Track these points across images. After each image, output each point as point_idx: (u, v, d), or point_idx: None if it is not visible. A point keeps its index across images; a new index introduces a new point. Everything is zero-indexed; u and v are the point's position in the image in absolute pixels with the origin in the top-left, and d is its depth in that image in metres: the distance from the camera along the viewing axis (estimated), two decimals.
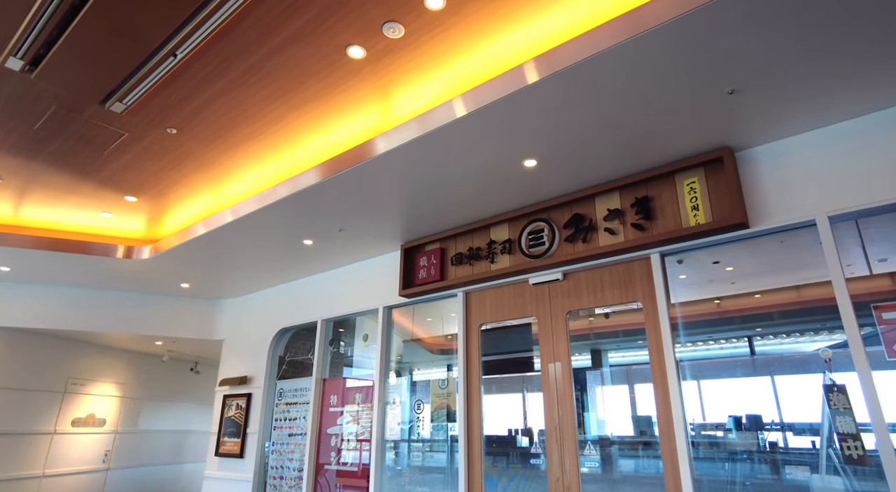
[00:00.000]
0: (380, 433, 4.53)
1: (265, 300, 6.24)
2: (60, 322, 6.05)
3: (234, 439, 5.79)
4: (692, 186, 3.32)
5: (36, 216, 4.95)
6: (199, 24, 2.61)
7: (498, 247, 4.14)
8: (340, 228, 4.53)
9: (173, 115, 3.39)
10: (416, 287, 4.59)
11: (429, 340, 5.24)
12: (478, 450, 3.90)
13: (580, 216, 3.74)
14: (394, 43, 2.76)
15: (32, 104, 3.25)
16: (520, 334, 4.42)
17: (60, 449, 6.62)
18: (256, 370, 5.95)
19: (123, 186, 4.33)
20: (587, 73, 2.59)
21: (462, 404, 4.06)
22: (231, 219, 4.37)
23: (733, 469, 3.13)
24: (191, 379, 8.92)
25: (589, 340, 4.06)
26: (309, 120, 3.48)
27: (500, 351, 4.52)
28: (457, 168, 3.49)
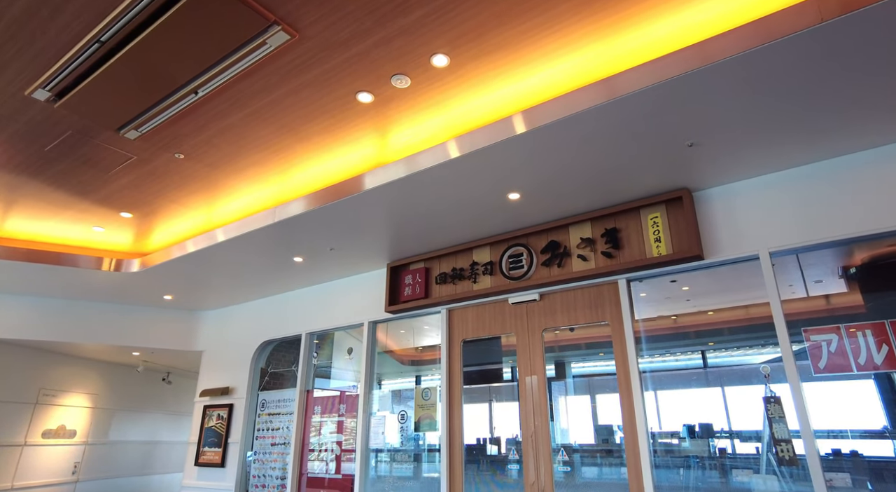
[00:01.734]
0: (364, 443, 4.79)
1: (247, 313, 6.40)
2: (38, 333, 6.03)
3: (215, 449, 5.91)
4: (655, 220, 3.77)
5: (24, 228, 5.00)
6: (224, 69, 2.88)
7: (480, 268, 4.50)
8: (331, 248, 4.80)
9: (184, 143, 3.61)
10: (401, 304, 4.89)
11: (400, 351, 5.53)
12: (459, 458, 4.22)
13: (556, 243, 4.15)
14: (399, 91, 3.10)
15: (49, 129, 3.42)
16: (489, 347, 4.77)
17: (30, 461, 6.55)
18: (238, 381, 6.10)
19: (120, 203, 4.48)
20: (567, 127, 2.99)
21: (444, 414, 4.38)
22: (226, 238, 4.57)
23: (688, 475, 3.56)
24: (161, 389, 8.89)
25: (553, 352, 4.42)
26: (312, 150, 3.76)
27: (471, 363, 4.85)
28: (445, 200, 3.85)
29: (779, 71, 2.53)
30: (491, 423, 4.54)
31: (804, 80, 2.59)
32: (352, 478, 4.81)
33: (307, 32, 2.64)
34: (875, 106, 2.79)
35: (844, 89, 2.66)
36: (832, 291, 3.46)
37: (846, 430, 3.06)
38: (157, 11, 2.50)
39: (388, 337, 5.46)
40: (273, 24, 2.57)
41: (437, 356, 5.17)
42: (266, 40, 2.65)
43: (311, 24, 2.59)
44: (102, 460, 7.63)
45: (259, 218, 4.39)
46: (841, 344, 2.97)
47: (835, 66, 2.49)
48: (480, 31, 2.67)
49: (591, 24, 2.67)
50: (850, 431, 3.07)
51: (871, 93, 2.68)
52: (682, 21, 2.64)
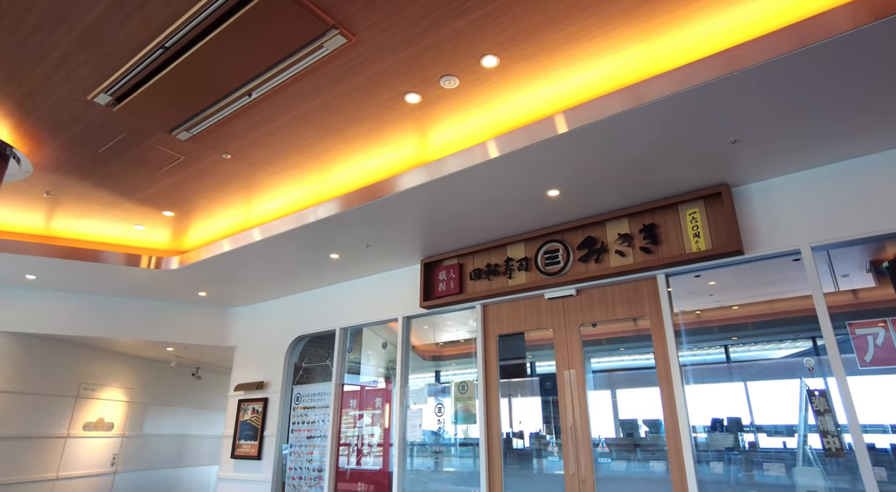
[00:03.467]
0: (402, 436, 4.89)
1: (281, 308, 6.53)
2: (78, 329, 6.21)
3: (251, 442, 6.06)
4: (693, 216, 3.80)
5: (69, 227, 5.16)
6: (279, 72, 2.96)
7: (515, 264, 4.56)
8: (367, 245, 4.90)
9: (231, 144, 3.71)
10: (435, 299, 4.97)
11: (421, 347, 5.62)
12: (497, 450, 4.30)
13: (593, 239, 4.20)
14: (447, 92, 3.16)
15: (105, 132, 3.53)
16: (512, 343, 4.83)
17: (73, 452, 6.76)
18: (272, 376, 6.23)
19: (163, 202, 4.61)
20: (609, 126, 3.05)
21: (482, 407, 4.46)
22: (265, 236, 4.69)
23: (726, 469, 3.59)
24: (191, 384, 9.08)
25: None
26: (353, 151, 3.84)
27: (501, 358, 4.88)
28: (483, 198, 3.92)
29: (821, 71, 2.56)
30: (511, 417, 4.63)
31: (846, 80, 2.61)
32: (388, 470, 4.91)
33: (363, 36, 2.71)
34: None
35: (889, 89, 2.68)
36: (860, 285, 3.47)
37: (887, 424, 3.09)
38: (221, 17, 2.59)
39: (411, 333, 5.57)
40: (331, 29, 2.64)
41: (458, 352, 5.27)
42: (323, 44, 2.73)
43: (368, 28, 2.67)
44: (138, 452, 7.83)
45: (300, 216, 4.49)
46: (888, 337, 3.00)
47: (876, 66, 2.52)
48: (532, 33, 2.73)
49: (639, 26, 2.71)
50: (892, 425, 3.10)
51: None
52: (728, 21, 2.67)
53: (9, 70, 2.97)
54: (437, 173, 3.67)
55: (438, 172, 3.66)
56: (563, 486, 3.91)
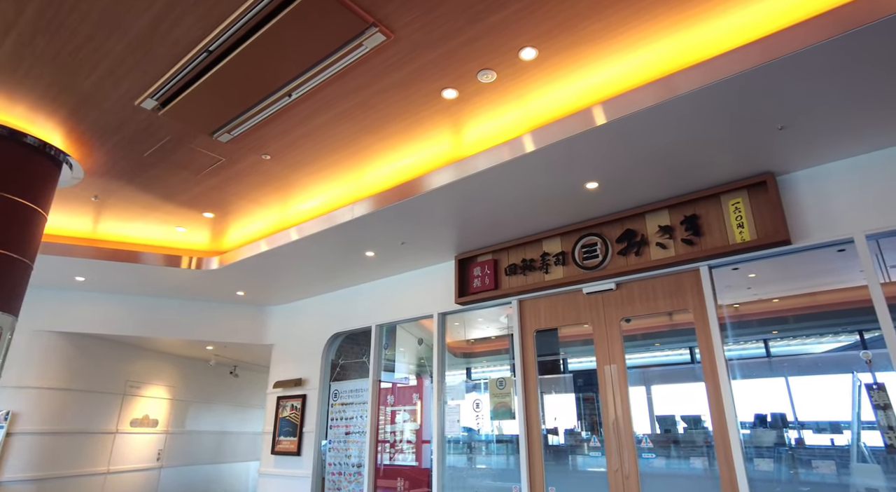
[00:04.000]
0: (440, 432, 4.91)
1: (317, 307, 6.63)
2: (125, 328, 6.43)
3: (291, 438, 6.17)
4: (737, 206, 3.71)
5: (115, 230, 5.34)
6: (319, 72, 3.00)
7: (552, 259, 4.53)
8: (403, 242, 4.92)
9: (271, 145, 3.78)
10: (470, 295, 4.97)
11: (452, 344, 5.62)
12: (538, 447, 4.28)
13: (632, 232, 4.13)
14: (484, 86, 3.15)
15: (150, 135, 3.64)
16: (545, 339, 4.81)
17: (122, 447, 7.00)
18: (310, 373, 6.33)
19: (204, 204, 4.72)
20: (650, 117, 2.99)
21: (521, 403, 4.44)
22: (302, 235, 4.76)
23: (775, 466, 3.49)
24: (229, 382, 9.30)
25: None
26: (388, 149, 3.87)
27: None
28: (519, 192, 3.90)
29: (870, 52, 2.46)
30: (543, 414, 4.60)
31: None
32: (427, 466, 4.94)
33: (401, 33, 2.73)
34: None
35: None
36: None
37: None
38: (263, 19, 2.63)
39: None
40: (371, 26, 2.67)
41: (489, 349, 5.27)
42: (363, 42, 2.75)
43: (407, 25, 2.68)
44: (181, 448, 8.07)
45: (335, 215, 4.55)
46: None
47: None
48: (569, 24, 2.70)
49: (677, 15, 2.65)
50: None
51: None
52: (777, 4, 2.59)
53: (65, 79, 3.09)
54: (472, 169, 3.66)
55: (473, 167, 3.66)
56: (605, 482, 3.87)
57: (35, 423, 5.94)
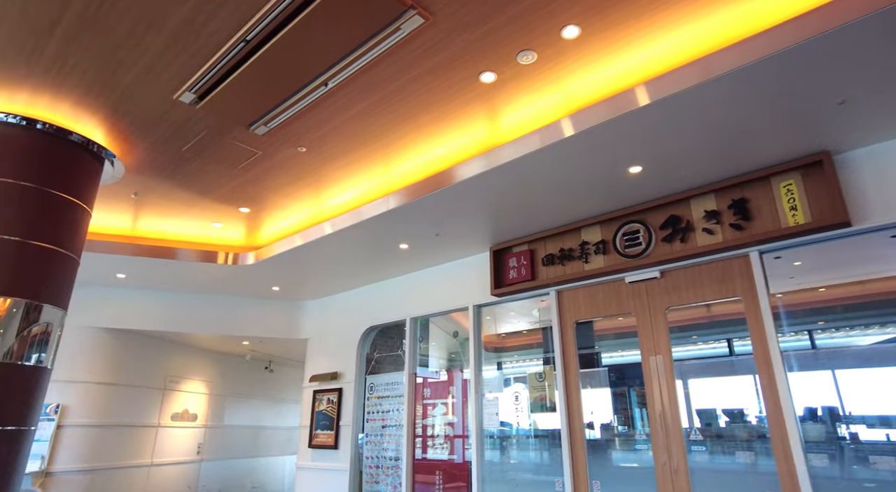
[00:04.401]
0: (478, 426, 4.85)
1: (351, 300, 6.64)
2: (165, 324, 6.57)
3: (328, 432, 6.20)
4: (789, 188, 3.53)
5: (153, 227, 5.43)
6: (355, 59, 2.96)
7: (591, 247, 4.41)
8: (437, 233, 4.87)
9: (307, 137, 3.76)
10: (507, 286, 4.89)
11: (483, 338, 5.54)
12: (580, 441, 4.18)
13: (676, 218, 3.98)
14: (523, 69, 3.06)
15: (188, 130, 3.66)
16: (582, 333, 4.68)
17: (163, 441, 7.17)
18: (345, 366, 6.35)
19: (240, 199, 4.75)
20: (696, 95, 2.86)
21: (562, 396, 4.35)
22: (336, 229, 4.75)
23: (827, 461, 3.31)
24: (264, 378, 9.44)
25: (635, 337, 4.27)
26: (425, 137, 3.81)
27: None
28: (557, 179, 3.79)
29: None
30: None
31: None
32: (466, 460, 4.89)
33: (440, 14, 2.66)
34: None
35: None
36: None
37: None
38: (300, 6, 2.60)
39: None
40: (409, 9, 2.60)
41: (521, 343, 5.17)
42: (400, 26, 2.70)
43: (445, 6, 2.61)
44: (219, 441, 8.22)
45: (370, 208, 4.52)
46: None
47: None
48: (613, 1, 2.58)
49: None
50: None
51: None
52: None
53: (105, 76, 3.12)
54: (507, 157, 3.58)
55: (510, 155, 3.58)
56: (652, 476, 3.75)
57: (83, 416, 6.12)
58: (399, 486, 5.38)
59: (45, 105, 3.41)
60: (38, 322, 3.27)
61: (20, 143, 3.43)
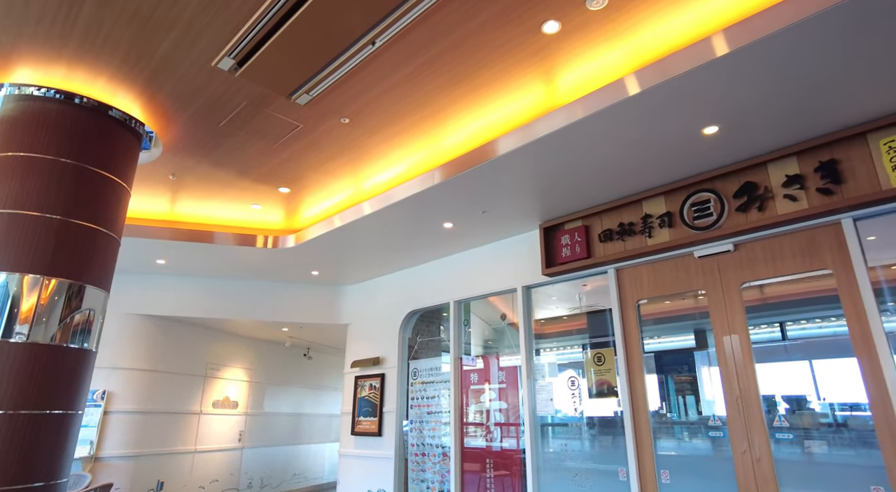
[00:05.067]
0: (532, 412, 4.61)
1: (392, 284, 6.45)
2: (205, 311, 6.51)
3: (371, 418, 6.06)
4: (890, 146, 3.13)
5: (192, 211, 5.32)
6: (405, 12, 2.70)
7: (655, 221, 4.08)
8: (484, 210, 4.61)
9: (350, 106, 3.54)
10: (559, 266, 4.60)
11: (519, 324, 5.26)
12: (646, 427, 3.89)
13: (752, 184, 3.62)
14: (591, 16, 2.75)
15: (227, 101, 3.48)
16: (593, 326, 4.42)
17: (206, 428, 7.16)
18: (388, 351, 6.18)
19: (279, 178, 4.58)
20: (787, 41, 2.50)
21: (624, 381, 4.06)
22: (379, 207, 4.54)
23: None
24: (303, 365, 9.39)
25: (694, 320, 3.98)
26: (475, 103, 3.54)
27: (599, 334, 4.52)
28: (618, 144, 3.48)
29: None
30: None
31: None
32: (519, 448, 4.67)
33: None
34: None
35: None
36: None
37: None
38: None
39: (508, 308, 5.29)
40: None
41: (560, 329, 4.89)
42: None
43: None
44: (260, 429, 8.21)
45: (413, 184, 4.29)
46: None
47: None
48: None
49: None
50: None
51: None
52: None
53: (140, 44, 2.95)
54: (564, 121, 3.29)
55: (567, 118, 3.28)
56: (729, 465, 3.44)
57: (128, 402, 6.12)
58: (447, 474, 5.19)
59: (82, 79, 3.27)
60: (82, 304, 3.16)
61: (59, 118, 3.30)
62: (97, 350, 3.29)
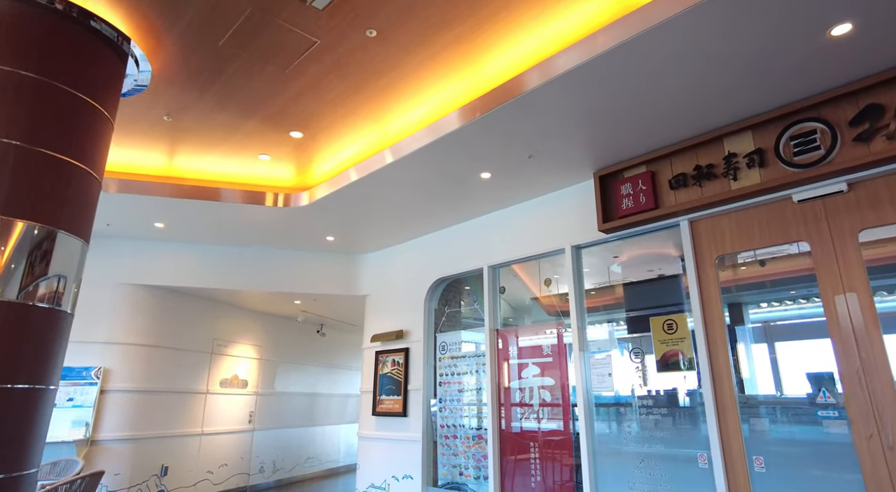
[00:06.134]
0: (586, 390, 3.99)
1: (416, 250, 5.82)
2: (209, 281, 5.92)
3: (394, 397, 5.48)
4: None
5: (192, 165, 4.69)
6: None
7: (741, 160, 3.40)
8: (530, 154, 3.94)
9: (378, 14, 2.86)
10: (619, 220, 3.94)
11: (544, 299, 4.66)
12: (732, 406, 3.26)
13: (875, 108, 2.92)
14: None
15: (227, 9, 2.81)
16: (658, 289, 3.88)
17: (213, 408, 6.63)
18: (412, 324, 5.58)
19: (291, 119, 3.93)
20: None
21: (703, 352, 3.42)
22: (406, 152, 3.88)
23: None
24: (317, 343, 8.84)
25: (729, 293, 3.48)
26: (525, 14, 2.86)
27: (636, 307, 3.93)
28: (704, 53, 2.78)
29: None
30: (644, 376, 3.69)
31: None
32: (569, 430, 4.07)
33: None
34: None
35: None
36: None
37: None
38: None
39: (536, 283, 4.68)
40: None
41: (590, 305, 4.27)
42: None
43: None
44: (272, 410, 7.68)
45: (447, 121, 3.62)
46: None
47: None
48: None
49: None
50: None
51: None
52: None
53: None
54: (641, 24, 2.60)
55: (643, 22, 2.60)
56: (850, 452, 2.81)
57: (126, 380, 5.56)
58: (483, 459, 4.60)
59: None
60: (53, 254, 2.53)
61: (20, 21, 2.64)
62: (73, 313, 2.68)
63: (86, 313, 5.48)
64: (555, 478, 4.11)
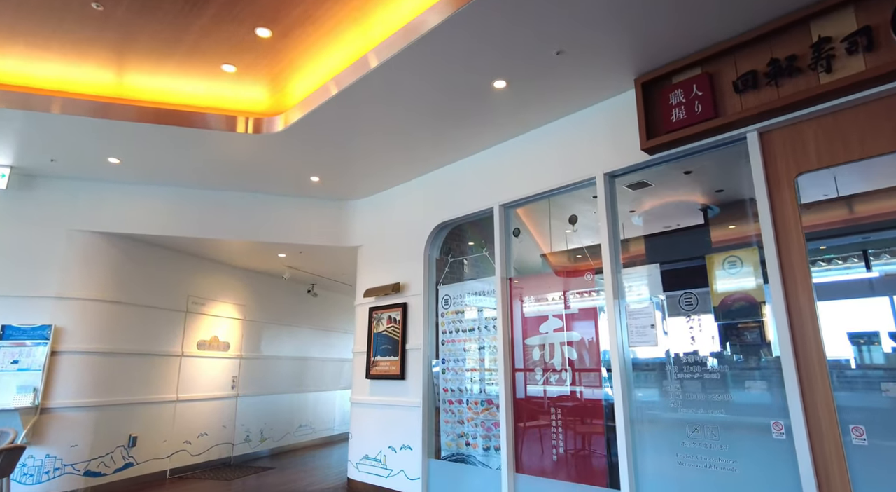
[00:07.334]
0: (622, 348, 3.27)
1: (414, 192, 5.05)
2: (179, 228, 5.17)
3: (391, 358, 4.80)
4: None
5: (141, 83, 3.87)
6: None
7: (837, 46, 2.59)
8: (559, 50, 3.12)
9: None
10: (668, 135, 3.16)
11: (553, 258, 3.93)
12: (820, 364, 2.55)
13: None
14: None
15: None
16: (688, 240, 3.24)
17: (189, 373, 5.97)
18: (411, 276, 4.85)
19: (252, 10, 3.09)
20: None
21: (780, 299, 2.69)
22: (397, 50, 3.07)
23: None
24: (308, 303, 8.15)
25: None
26: None
27: (667, 260, 3.25)
28: None
29: None
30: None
31: None
32: (600, 396, 3.39)
33: None
34: None
35: None
36: None
37: None
38: None
39: (544, 238, 3.93)
40: None
41: (596, 267, 3.52)
42: None
43: None
44: (258, 375, 7.04)
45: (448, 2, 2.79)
46: None
47: None
48: None
49: None
50: None
51: None
52: None
53: None
54: None
55: None
56: None
57: (83, 341, 4.86)
58: (494, 428, 3.95)
59: None
60: None
61: None
62: None
63: (32, 263, 4.75)
64: (581, 450, 3.45)
